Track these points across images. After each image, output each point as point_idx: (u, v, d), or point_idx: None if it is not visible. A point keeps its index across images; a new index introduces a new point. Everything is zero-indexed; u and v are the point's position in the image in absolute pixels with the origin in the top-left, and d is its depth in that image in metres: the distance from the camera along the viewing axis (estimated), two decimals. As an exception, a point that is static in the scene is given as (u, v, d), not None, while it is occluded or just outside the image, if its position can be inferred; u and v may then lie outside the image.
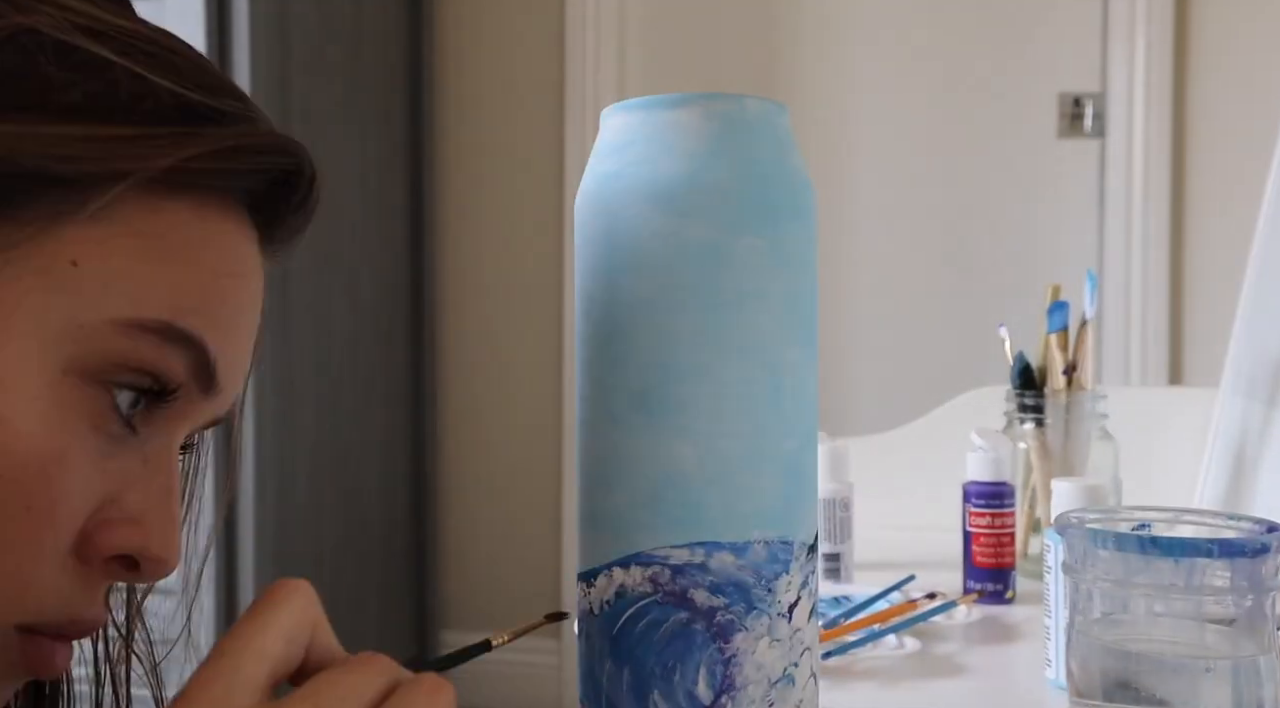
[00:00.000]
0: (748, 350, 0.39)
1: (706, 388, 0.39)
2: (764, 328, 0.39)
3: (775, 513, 0.40)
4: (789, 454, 0.40)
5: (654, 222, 0.39)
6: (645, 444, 0.40)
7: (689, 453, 0.39)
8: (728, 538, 0.39)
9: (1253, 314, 0.97)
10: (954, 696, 0.68)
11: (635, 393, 0.39)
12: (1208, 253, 2.11)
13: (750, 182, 0.39)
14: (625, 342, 0.40)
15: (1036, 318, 1.02)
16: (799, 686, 0.41)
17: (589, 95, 2.30)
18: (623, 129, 0.42)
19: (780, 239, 0.39)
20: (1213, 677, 0.49)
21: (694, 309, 0.39)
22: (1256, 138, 2.02)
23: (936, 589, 0.86)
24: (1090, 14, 2.15)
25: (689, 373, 0.39)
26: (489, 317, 2.38)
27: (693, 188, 0.39)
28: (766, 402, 0.39)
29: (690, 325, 0.39)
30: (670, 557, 0.40)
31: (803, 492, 0.41)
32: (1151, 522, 0.56)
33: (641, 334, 0.39)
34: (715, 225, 0.39)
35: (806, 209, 0.41)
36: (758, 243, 0.39)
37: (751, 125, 0.40)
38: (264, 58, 1.79)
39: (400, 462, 2.26)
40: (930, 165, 2.22)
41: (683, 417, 0.39)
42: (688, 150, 0.39)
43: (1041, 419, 0.96)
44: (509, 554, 2.38)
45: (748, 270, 0.39)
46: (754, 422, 0.39)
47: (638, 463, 0.40)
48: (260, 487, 1.79)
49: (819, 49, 2.26)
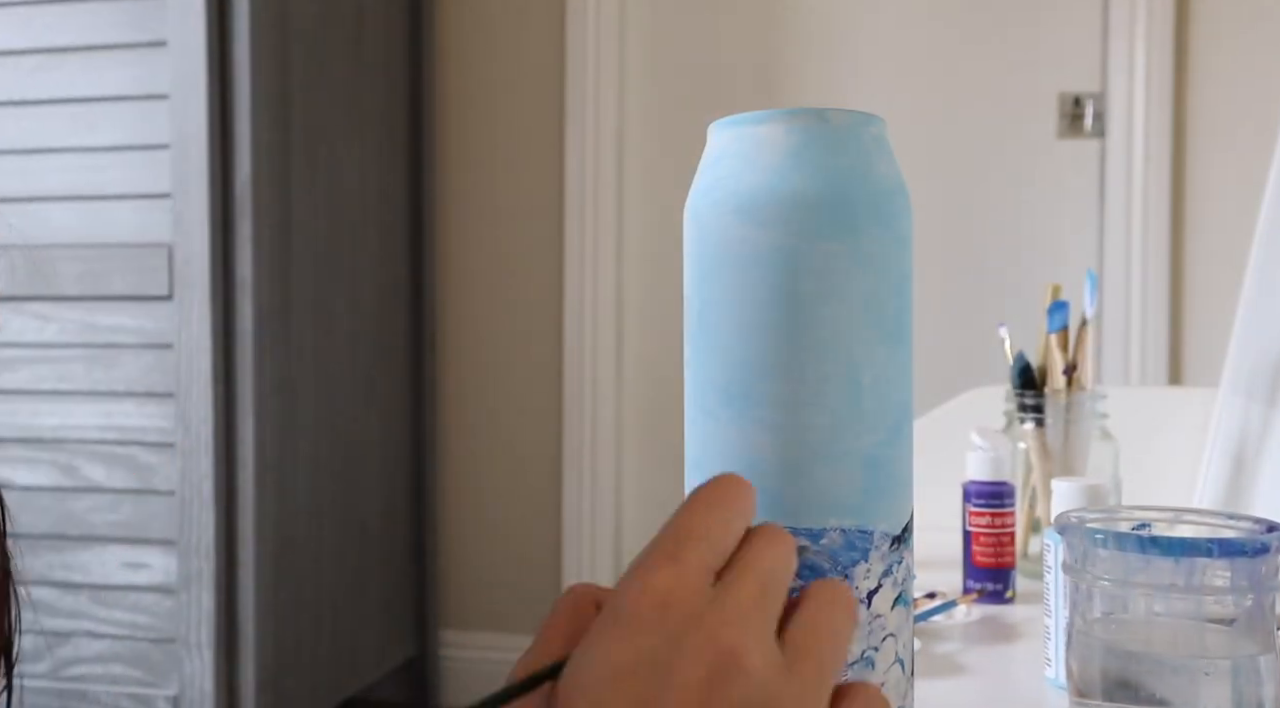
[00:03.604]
0: (825, 348, 0.42)
1: (784, 383, 0.42)
2: (842, 327, 0.42)
3: (853, 503, 0.42)
4: (870, 448, 0.42)
5: (737, 231, 0.42)
6: (731, 434, 0.43)
7: (767, 443, 0.42)
8: (804, 525, 0.42)
9: (1253, 314, 0.97)
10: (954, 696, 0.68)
11: (721, 387, 0.43)
12: (1208, 253, 2.11)
13: (826, 190, 0.42)
14: (713, 340, 0.43)
15: (1036, 318, 1.02)
16: (879, 669, 0.43)
17: (589, 95, 2.30)
18: (717, 144, 0.45)
19: (859, 243, 0.42)
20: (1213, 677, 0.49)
21: (772, 309, 0.42)
22: (1256, 138, 2.02)
23: (936, 589, 0.86)
24: (1090, 14, 2.15)
25: (769, 369, 0.42)
26: (489, 317, 2.38)
27: (770, 199, 0.42)
28: (844, 397, 0.42)
29: (769, 324, 0.42)
30: None
31: (884, 484, 0.43)
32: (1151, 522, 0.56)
33: (726, 333, 0.43)
34: (791, 232, 0.42)
35: (891, 213, 0.43)
36: (835, 247, 0.42)
37: (831, 137, 0.42)
38: (264, 58, 1.79)
39: (400, 462, 2.26)
40: (930, 165, 2.22)
41: (762, 410, 0.42)
42: (767, 164, 0.42)
43: (1041, 419, 0.96)
44: (509, 554, 2.38)
45: (825, 273, 0.41)
46: (831, 416, 0.42)
47: (725, 452, 0.43)
48: (260, 487, 1.79)
49: (819, 49, 2.26)
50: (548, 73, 2.34)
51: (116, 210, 1.80)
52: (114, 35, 1.78)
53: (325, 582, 1.99)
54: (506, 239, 2.37)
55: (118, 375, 1.80)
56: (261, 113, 1.78)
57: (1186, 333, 2.13)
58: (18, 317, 1.83)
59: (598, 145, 2.31)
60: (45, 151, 1.82)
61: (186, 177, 1.75)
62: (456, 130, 2.38)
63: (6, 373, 1.84)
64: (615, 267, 2.32)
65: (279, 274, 1.84)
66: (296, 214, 1.89)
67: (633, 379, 2.37)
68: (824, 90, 2.26)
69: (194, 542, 1.76)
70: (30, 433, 1.83)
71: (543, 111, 2.35)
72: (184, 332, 1.76)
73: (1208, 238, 2.11)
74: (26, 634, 2.05)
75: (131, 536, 1.80)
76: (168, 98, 1.76)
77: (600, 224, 2.31)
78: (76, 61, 1.80)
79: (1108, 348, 2.13)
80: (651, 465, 2.36)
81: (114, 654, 1.81)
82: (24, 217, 1.83)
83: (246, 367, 1.77)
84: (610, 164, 2.31)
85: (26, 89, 1.82)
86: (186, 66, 1.74)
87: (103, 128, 1.79)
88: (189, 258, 1.75)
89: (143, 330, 1.78)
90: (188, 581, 1.76)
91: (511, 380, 2.37)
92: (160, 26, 1.76)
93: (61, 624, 1.83)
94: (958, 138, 2.21)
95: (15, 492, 1.85)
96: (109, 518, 1.80)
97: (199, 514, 1.76)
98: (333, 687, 2.02)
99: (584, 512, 2.31)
